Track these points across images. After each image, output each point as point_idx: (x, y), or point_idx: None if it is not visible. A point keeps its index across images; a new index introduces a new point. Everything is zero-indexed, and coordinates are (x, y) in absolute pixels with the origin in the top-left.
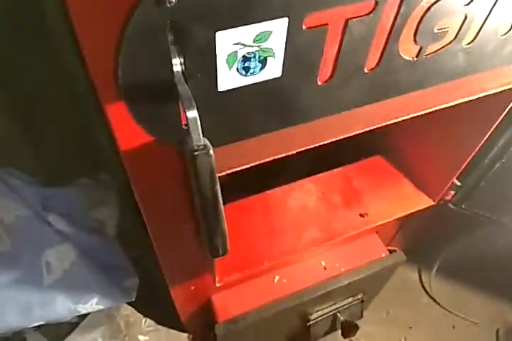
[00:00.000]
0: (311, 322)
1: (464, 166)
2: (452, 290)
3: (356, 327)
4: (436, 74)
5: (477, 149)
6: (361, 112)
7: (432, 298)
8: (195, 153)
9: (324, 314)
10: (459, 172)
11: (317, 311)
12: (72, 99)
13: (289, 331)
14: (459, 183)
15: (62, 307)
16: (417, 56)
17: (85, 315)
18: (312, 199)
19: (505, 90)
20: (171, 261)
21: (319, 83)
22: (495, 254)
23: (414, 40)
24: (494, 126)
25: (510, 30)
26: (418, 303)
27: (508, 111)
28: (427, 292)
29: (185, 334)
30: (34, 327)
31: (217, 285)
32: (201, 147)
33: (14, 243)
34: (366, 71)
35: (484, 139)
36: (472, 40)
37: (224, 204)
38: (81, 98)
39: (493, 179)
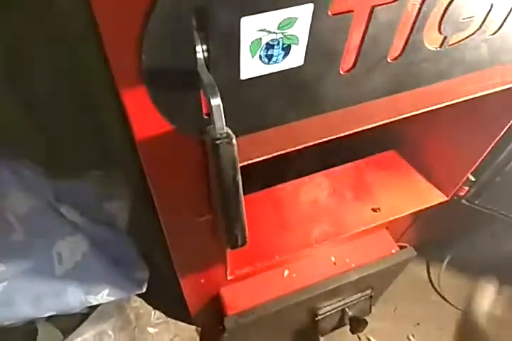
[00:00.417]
0: (319, 317)
1: (478, 162)
2: (461, 288)
3: (365, 323)
4: (459, 65)
5: (493, 144)
6: (383, 103)
7: (440, 295)
8: (218, 141)
9: (333, 309)
10: (473, 168)
11: (326, 306)
12: (85, 90)
13: (297, 325)
14: (473, 179)
15: (73, 297)
16: (440, 46)
17: (96, 307)
18: (324, 194)
19: None
20: (184, 254)
21: (341, 72)
22: (506, 252)
23: (439, 30)
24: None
25: None
26: (427, 300)
27: None
28: (436, 289)
29: (194, 327)
30: (45, 317)
31: (229, 278)
32: (224, 136)
33: (27, 233)
34: (389, 60)
35: (501, 134)
36: (496, 31)
37: None
38: (94, 89)
39: (508, 175)
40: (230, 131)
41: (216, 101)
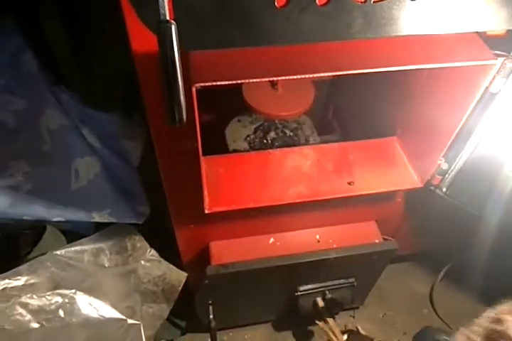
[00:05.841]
0: (299, 293)
1: (446, 147)
2: (454, 303)
3: (341, 306)
4: (386, 24)
5: (458, 130)
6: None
7: (434, 308)
8: (160, 25)
9: (314, 289)
10: (442, 153)
11: (307, 284)
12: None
13: (277, 295)
14: (445, 167)
15: (80, 210)
16: (365, 1)
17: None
18: (308, 163)
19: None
20: (173, 186)
21: (277, 5)
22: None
23: None
24: (473, 104)
25: None
26: (419, 312)
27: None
28: (432, 303)
29: (183, 272)
30: (57, 223)
31: (206, 212)
32: (164, 20)
33: (53, 146)
34: (318, 4)
35: (464, 118)
36: None
37: None
38: None
39: (471, 165)
40: (172, 22)
41: None
